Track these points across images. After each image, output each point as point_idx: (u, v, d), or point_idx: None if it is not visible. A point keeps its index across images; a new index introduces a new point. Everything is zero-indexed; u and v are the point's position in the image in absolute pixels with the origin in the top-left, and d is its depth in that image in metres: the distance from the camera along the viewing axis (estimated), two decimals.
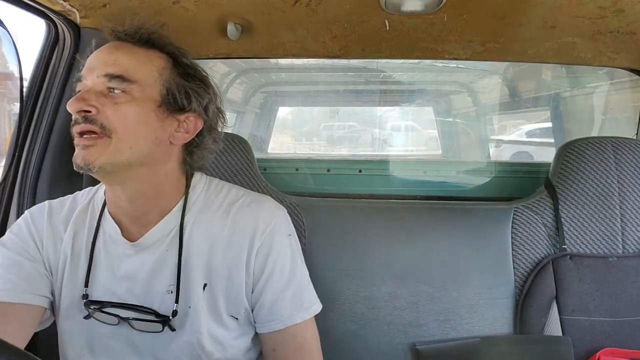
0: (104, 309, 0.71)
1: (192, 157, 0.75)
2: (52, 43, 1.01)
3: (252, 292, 0.74)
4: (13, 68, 0.77)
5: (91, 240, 0.73)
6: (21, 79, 0.80)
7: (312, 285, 0.79)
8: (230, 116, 2.73)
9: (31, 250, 0.73)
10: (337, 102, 3.03)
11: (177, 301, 0.70)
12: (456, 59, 1.16)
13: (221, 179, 1.10)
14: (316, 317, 0.78)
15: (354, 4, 0.92)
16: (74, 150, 0.71)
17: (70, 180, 1.04)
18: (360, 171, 1.45)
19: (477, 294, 1.06)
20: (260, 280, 0.73)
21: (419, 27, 1.02)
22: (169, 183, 0.73)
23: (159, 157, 0.70)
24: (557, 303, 1.03)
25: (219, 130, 0.78)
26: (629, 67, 1.21)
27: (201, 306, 0.72)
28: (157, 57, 0.70)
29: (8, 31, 0.72)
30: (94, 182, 0.97)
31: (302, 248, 0.79)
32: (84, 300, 0.71)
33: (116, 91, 0.65)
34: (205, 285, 0.72)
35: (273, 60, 2.10)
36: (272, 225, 0.74)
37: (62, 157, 1.03)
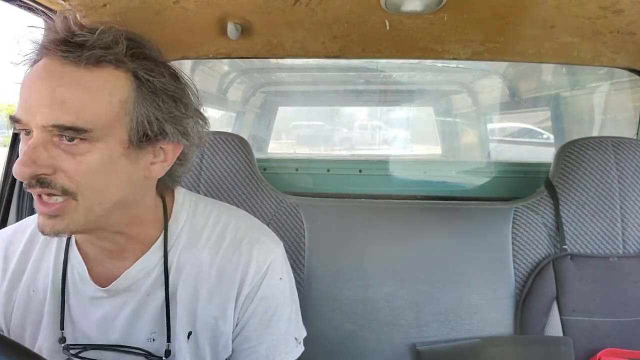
0: (84, 353, 0.62)
1: (163, 181, 0.62)
2: None
3: (234, 341, 0.66)
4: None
5: (60, 277, 0.62)
6: None
7: (299, 316, 0.71)
8: (230, 116, 2.73)
9: None
10: (337, 102, 3.03)
11: (168, 340, 0.62)
12: (456, 59, 1.16)
13: (221, 179, 1.11)
14: (316, 317, 0.77)
15: (354, 4, 0.91)
16: None
17: None
18: (360, 171, 1.45)
19: (478, 294, 1.05)
20: (243, 329, 0.65)
21: (419, 27, 1.01)
22: (148, 213, 0.62)
23: (136, 197, 0.58)
24: (558, 303, 1.03)
25: (204, 142, 0.65)
26: (629, 67, 1.21)
27: (183, 357, 0.63)
28: (114, 82, 0.52)
29: None
30: None
31: (302, 248, 0.78)
32: (62, 345, 0.61)
33: (72, 140, 0.50)
34: (190, 333, 0.63)
35: (273, 60, 2.09)
36: (264, 270, 0.65)
37: None
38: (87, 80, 0.51)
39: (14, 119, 0.52)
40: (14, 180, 1.02)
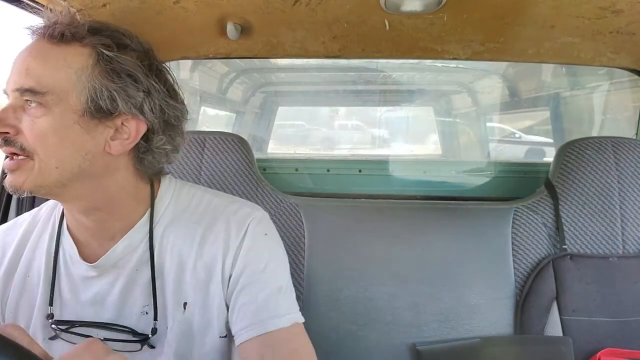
0: (73, 329, 0.65)
1: (142, 164, 0.65)
2: None
3: (230, 301, 0.67)
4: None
5: (51, 261, 0.67)
6: None
7: (293, 293, 0.70)
8: (229, 116, 2.73)
9: None
10: (337, 102, 3.03)
11: (155, 318, 0.65)
12: (456, 59, 1.16)
13: (220, 179, 1.11)
14: (316, 317, 0.76)
15: (354, 4, 0.91)
16: None
17: None
18: (360, 171, 1.45)
19: (478, 294, 1.05)
20: (237, 284, 0.66)
21: (419, 27, 1.02)
22: (125, 194, 0.65)
23: (100, 171, 0.61)
24: (558, 303, 1.03)
25: (178, 125, 0.68)
26: (629, 67, 1.21)
27: (180, 327, 0.65)
28: (74, 55, 0.59)
29: None
30: None
31: (302, 248, 0.78)
32: (50, 320, 0.65)
33: (32, 104, 0.57)
34: (185, 304, 0.66)
35: (273, 60, 2.09)
36: (247, 226, 0.68)
37: None
38: (52, 53, 0.59)
39: (4, 91, 0.60)
40: None
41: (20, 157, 0.58)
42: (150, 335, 0.65)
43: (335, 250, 1.08)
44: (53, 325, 0.65)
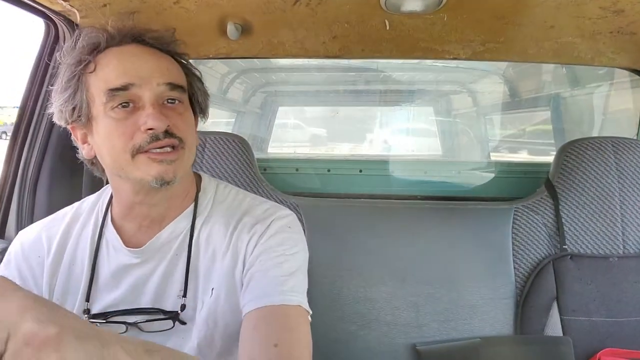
0: (109, 319, 0.68)
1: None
2: (52, 43, 1.01)
3: (245, 278, 0.69)
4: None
5: (93, 251, 0.71)
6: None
7: (305, 284, 0.71)
8: (230, 116, 2.73)
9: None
10: (337, 102, 3.03)
11: (184, 295, 0.69)
12: (456, 59, 1.16)
13: (221, 179, 1.11)
14: (316, 317, 0.77)
15: (354, 4, 0.91)
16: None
17: (70, 180, 1.04)
18: (360, 171, 1.45)
19: (478, 294, 1.05)
20: (253, 265, 0.68)
21: (419, 27, 1.02)
22: (190, 183, 0.74)
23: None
24: (558, 303, 1.03)
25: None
26: (629, 67, 1.21)
27: (211, 310, 0.69)
28: (174, 62, 0.69)
29: None
30: (93, 182, 0.97)
31: None
32: (86, 316, 0.68)
33: (175, 102, 0.65)
34: (212, 289, 0.70)
35: (273, 60, 2.09)
36: (272, 218, 0.72)
37: (62, 157, 1.03)
38: (168, 58, 0.68)
39: (119, 87, 0.62)
40: (14, 180, 1.02)
41: (180, 148, 0.64)
42: (179, 312, 0.68)
43: (336, 250, 1.08)
44: (90, 320, 0.68)
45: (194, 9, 0.94)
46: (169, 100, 0.65)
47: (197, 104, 0.73)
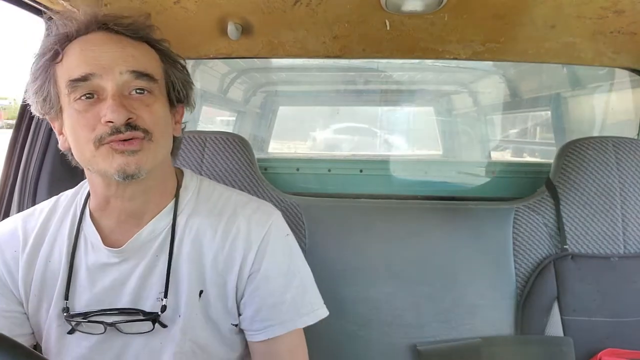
0: (88, 319, 0.67)
1: (176, 146, 0.72)
2: None
3: (242, 298, 0.70)
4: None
5: (71, 250, 0.68)
6: None
7: (316, 288, 0.75)
8: (230, 116, 2.73)
9: (3, 287, 0.69)
10: (338, 102, 3.03)
11: (165, 296, 0.67)
12: (456, 59, 1.16)
13: (221, 179, 1.11)
14: None
15: (354, 4, 0.91)
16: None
17: (70, 180, 1.04)
18: (361, 171, 1.45)
19: (478, 295, 1.05)
20: (256, 283, 0.69)
21: (420, 27, 1.01)
22: (169, 177, 0.71)
23: (169, 152, 0.69)
24: (559, 303, 1.03)
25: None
26: (630, 67, 1.21)
27: (196, 314, 0.68)
28: (151, 51, 0.66)
29: None
30: None
31: (302, 248, 0.79)
32: (65, 314, 0.66)
33: (143, 92, 0.62)
34: (201, 292, 0.68)
35: (273, 60, 2.10)
36: (267, 228, 0.71)
37: (62, 157, 1.03)
38: (139, 46, 0.65)
39: (78, 78, 0.59)
40: (15, 180, 1.02)
41: (145, 139, 0.61)
42: (159, 313, 0.66)
43: (336, 250, 1.08)
44: (68, 319, 0.66)
45: (194, 8, 0.94)
46: (138, 91, 0.61)
47: (175, 93, 0.68)
